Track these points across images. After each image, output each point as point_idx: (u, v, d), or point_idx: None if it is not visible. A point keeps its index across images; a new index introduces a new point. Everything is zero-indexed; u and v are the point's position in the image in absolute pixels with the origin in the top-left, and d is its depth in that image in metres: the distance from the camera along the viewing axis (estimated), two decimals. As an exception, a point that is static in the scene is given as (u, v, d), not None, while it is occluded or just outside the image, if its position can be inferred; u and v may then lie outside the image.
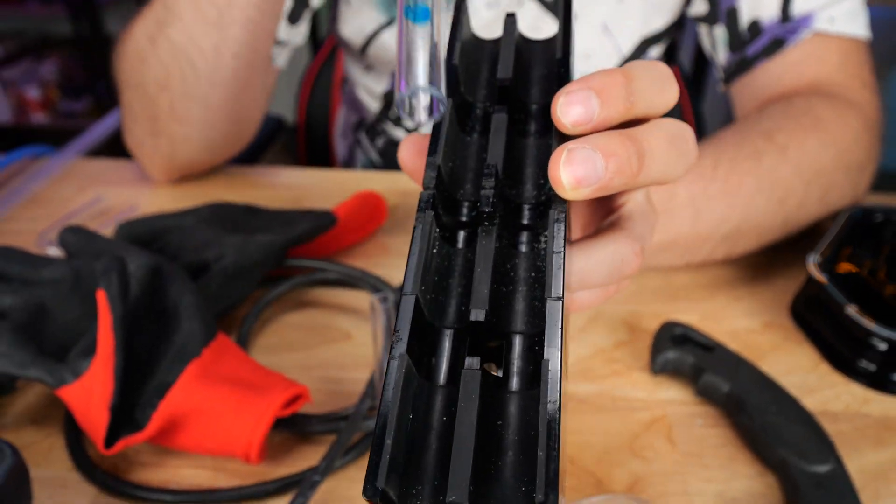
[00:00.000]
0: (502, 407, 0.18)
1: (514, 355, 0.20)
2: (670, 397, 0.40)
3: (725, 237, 0.46)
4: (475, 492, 0.16)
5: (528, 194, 0.23)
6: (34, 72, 2.74)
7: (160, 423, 0.35)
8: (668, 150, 0.22)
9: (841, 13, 0.53)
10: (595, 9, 0.60)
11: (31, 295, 0.39)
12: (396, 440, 0.16)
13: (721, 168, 0.45)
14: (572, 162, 0.20)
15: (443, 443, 0.17)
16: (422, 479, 0.17)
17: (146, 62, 0.54)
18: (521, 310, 0.20)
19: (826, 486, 0.33)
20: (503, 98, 0.24)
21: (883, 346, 0.41)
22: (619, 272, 0.25)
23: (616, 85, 0.21)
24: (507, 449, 0.17)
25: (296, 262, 0.48)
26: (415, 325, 0.19)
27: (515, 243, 0.22)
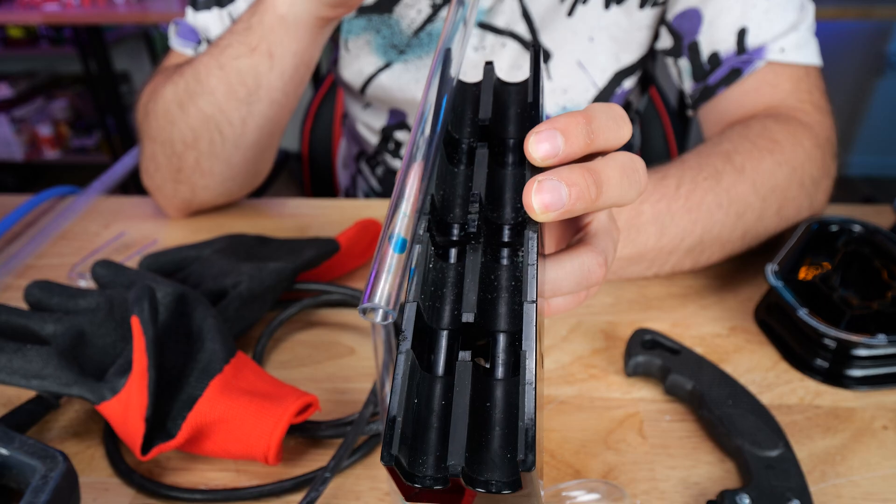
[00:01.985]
0: (490, 392, 0.23)
1: (498, 350, 0.24)
2: (642, 396, 0.45)
3: (690, 249, 0.51)
4: (470, 458, 0.20)
5: (507, 216, 0.27)
6: (46, 110, 2.83)
7: (189, 431, 0.39)
8: (622, 179, 0.27)
9: (790, 44, 0.58)
10: (569, 48, 0.66)
11: (71, 323, 0.44)
12: (405, 418, 0.20)
13: (683, 187, 0.50)
14: (541, 191, 0.24)
15: (442, 422, 0.21)
16: (426, 450, 0.21)
17: (175, 124, 0.59)
18: (504, 313, 0.25)
19: (775, 467, 0.37)
20: (484, 136, 0.29)
21: (833, 344, 0.46)
22: (586, 280, 0.29)
23: (577, 125, 0.26)
24: (494, 425, 0.22)
25: (304, 286, 0.53)
26: (417, 327, 0.23)
27: (498, 258, 0.27)
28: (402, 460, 0.20)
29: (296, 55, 0.54)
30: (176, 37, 0.68)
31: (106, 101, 2.43)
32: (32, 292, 0.47)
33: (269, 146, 0.64)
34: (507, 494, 0.20)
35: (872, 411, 0.43)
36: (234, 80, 0.55)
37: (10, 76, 2.78)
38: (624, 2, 0.64)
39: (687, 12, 0.62)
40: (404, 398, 0.21)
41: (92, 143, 2.85)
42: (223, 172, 0.62)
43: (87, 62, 2.40)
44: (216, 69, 0.55)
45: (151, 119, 0.61)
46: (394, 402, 0.21)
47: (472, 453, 0.21)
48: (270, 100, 0.57)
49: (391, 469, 0.20)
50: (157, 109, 0.60)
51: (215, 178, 0.62)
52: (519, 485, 0.20)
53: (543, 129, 0.25)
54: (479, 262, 0.25)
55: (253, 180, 0.68)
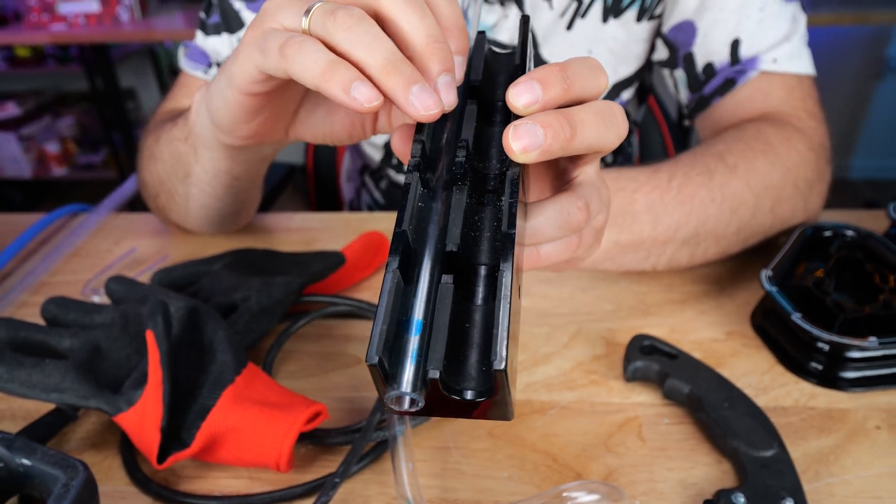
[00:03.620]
0: (469, 315, 0.25)
1: (478, 279, 0.26)
2: (641, 400, 0.46)
3: (685, 241, 0.52)
4: (447, 368, 0.23)
5: (492, 167, 0.29)
6: (53, 127, 2.87)
7: (203, 440, 0.41)
8: (597, 121, 0.28)
9: (782, 55, 0.60)
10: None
11: (87, 337, 0.46)
12: (388, 328, 0.23)
13: (675, 181, 0.52)
14: (518, 134, 0.26)
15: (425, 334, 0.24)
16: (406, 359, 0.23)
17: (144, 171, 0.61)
18: (485, 249, 0.27)
19: (770, 467, 0.39)
20: (474, 95, 0.31)
21: (827, 347, 0.47)
22: (567, 224, 0.30)
23: (554, 74, 0.28)
24: (472, 344, 0.25)
25: (311, 299, 0.55)
26: (404, 252, 0.25)
27: (482, 202, 0.29)
28: (385, 361, 0.22)
29: (212, 161, 0.49)
30: (186, 59, 0.70)
31: (112, 118, 2.46)
32: (49, 308, 0.49)
33: (228, 217, 0.63)
34: (483, 402, 0.23)
35: (865, 412, 0.44)
36: (174, 160, 0.54)
37: (18, 95, 2.82)
38: (621, 16, 0.66)
39: (682, 24, 0.64)
40: (388, 310, 0.23)
41: (99, 160, 2.88)
42: (187, 224, 0.64)
43: (93, 80, 2.44)
44: (166, 142, 0.55)
45: (138, 156, 0.63)
46: (379, 313, 0.23)
47: (448, 364, 0.23)
48: (201, 190, 0.55)
49: (374, 368, 0.22)
50: (141, 151, 0.62)
51: (185, 223, 0.64)
52: (492, 391, 0.23)
53: (523, 80, 0.27)
54: (465, 201, 0.28)
55: (231, 226, 0.68)
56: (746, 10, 0.60)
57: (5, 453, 0.37)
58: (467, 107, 0.31)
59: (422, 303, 0.24)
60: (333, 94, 0.29)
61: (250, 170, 0.53)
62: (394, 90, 0.28)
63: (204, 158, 0.50)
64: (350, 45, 0.30)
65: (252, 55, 0.34)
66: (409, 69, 0.29)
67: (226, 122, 0.41)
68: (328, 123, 0.42)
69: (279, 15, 0.34)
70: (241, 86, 0.36)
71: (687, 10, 0.63)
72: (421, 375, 0.23)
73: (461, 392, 0.23)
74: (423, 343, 0.23)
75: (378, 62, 0.29)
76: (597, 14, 0.66)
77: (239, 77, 0.36)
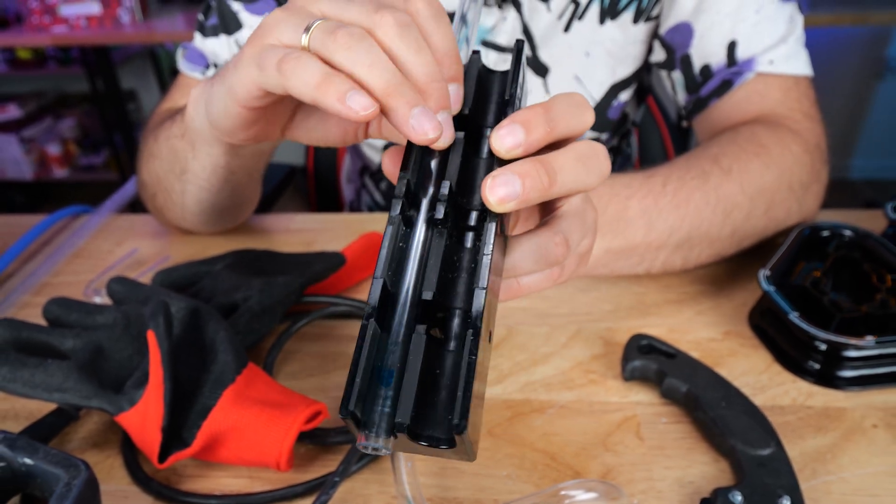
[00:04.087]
0: (441, 361, 0.26)
1: (453, 324, 0.27)
2: (639, 399, 0.46)
3: (678, 245, 0.53)
4: (416, 416, 0.24)
5: (476, 202, 0.29)
6: (54, 129, 2.87)
7: (204, 440, 0.41)
8: (576, 166, 0.29)
9: (779, 56, 0.60)
10: (567, 63, 0.68)
11: (89, 338, 0.46)
12: (363, 379, 0.24)
13: (670, 185, 0.52)
14: (495, 185, 0.26)
15: (397, 384, 0.25)
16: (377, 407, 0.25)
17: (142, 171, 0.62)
18: (461, 292, 0.28)
19: (767, 465, 0.39)
20: (462, 124, 0.31)
21: (824, 346, 0.47)
22: (544, 259, 0.30)
23: (537, 117, 0.28)
24: (441, 390, 0.25)
25: (311, 299, 0.55)
26: (381, 301, 0.26)
27: (462, 240, 0.29)
28: (358, 414, 0.24)
29: (210, 156, 0.50)
30: (184, 60, 0.70)
31: (113, 119, 2.47)
32: (51, 309, 0.49)
33: (225, 213, 0.64)
34: (444, 449, 0.24)
35: (862, 411, 0.44)
36: (171, 157, 0.55)
37: (19, 97, 2.83)
38: (618, 17, 0.66)
39: (679, 26, 0.64)
40: (364, 362, 0.24)
41: (100, 161, 2.89)
42: (185, 222, 0.64)
43: (94, 81, 2.45)
44: (163, 139, 0.56)
45: (137, 157, 0.64)
46: (356, 365, 0.24)
47: (418, 412, 0.25)
48: (198, 186, 0.55)
49: (347, 420, 0.24)
50: (141, 150, 0.63)
51: (182, 222, 0.65)
52: (453, 443, 0.24)
53: (506, 124, 0.28)
54: (444, 246, 0.28)
55: (228, 224, 0.68)
56: (743, 12, 0.60)
57: (8, 453, 0.37)
58: (455, 136, 0.30)
59: (396, 352, 0.26)
60: (329, 105, 0.29)
61: (247, 164, 0.54)
62: (394, 112, 0.29)
63: (201, 154, 0.50)
64: (351, 64, 0.30)
65: (250, 71, 0.34)
66: (410, 91, 0.29)
67: (224, 127, 0.41)
68: (322, 128, 0.43)
69: (277, 30, 0.34)
70: (241, 100, 0.37)
71: (684, 12, 0.63)
72: (390, 423, 0.24)
73: (427, 439, 0.25)
74: (395, 391, 0.25)
75: (379, 83, 0.29)
76: (594, 16, 0.66)
77: (238, 91, 0.36)
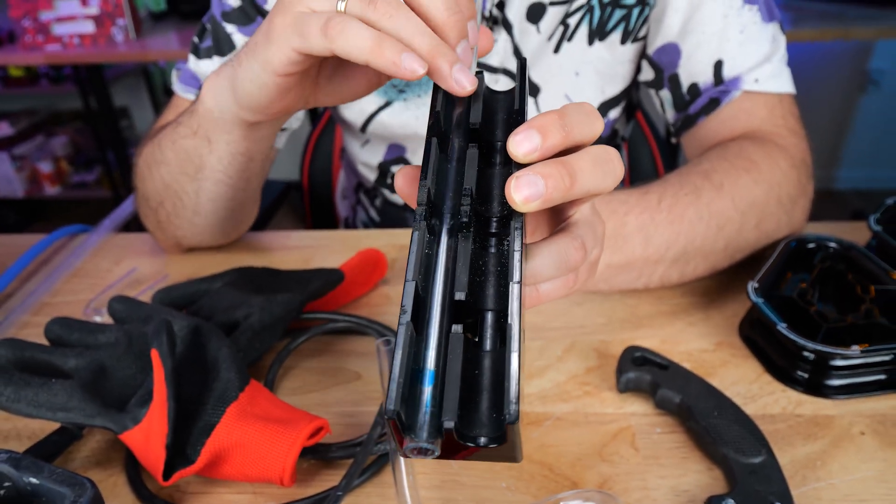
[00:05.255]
0: (478, 361, 0.26)
1: (486, 326, 0.27)
2: (634, 410, 0.47)
3: (675, 260, 0.54)
4: (461, 417, 0.24)
5: (494, 210, 0.30)
6: (46, 146, 2.87)
7: (208, 457, 0.42)
8: (594, 168, 0.30)
9: (764, 75, 0.62)
10: (557, 83, 0.70)
11: (92, 357, 0.47)
12: (404, 380, 0.24)
13: (665, 202, 0.53)
14: (520, 186, 0.27)
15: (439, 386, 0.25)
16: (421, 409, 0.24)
17: (146, 183, 0.63)
18: (491, 294, 0.28)
19: (759, 473, 0.40)
20: (474, 138, 0.33)
21: (812, 356, 0.48)
22: (564, 264, 0.31)
23: (552, 122, 0.29)
24: (482, 391, 0.25)
25: (311, 316, 0.56)
26: (415, 303, 0.26)
27: (486, 246, 0.30)
28: (402, 415, 0.23)
29: (229, 144, 0.52)
30: (178, 82, 0.71)
31: (106, 137, 2.47)
32: (53, 329, 0.50)
33: (236, 212, 0.65)
34: (494, 448, 0.24)
35: (850, 418, 0.46)
36: (182, 157, 0.56)
37: (11, 114, 2.83)
38: (606, 38, 0.68)
39: (666, 47, 0.66)
40: (404, 363, 0.24)
41: (92, 178, 2.88)
42: (193, 229, 0.65)
43: (87, 99, 2.45)
44: (170, 143, 0.57)
45: (135, 171, 0.65)
46: (395, 367, 0.24)
47: (462, 414, 0.24)
48: (215, 180, 0.57)
49: (392, 422, 0.23)
50: (138, 164, 0.64)
51: (190, 230, 0.65)
52: (504, 438, 0.24)
53: (522, 129, 0.29)
54: (470, 249, 0.29)
55: (233, 232, 0.69)
56: (727, 32, 0.62)
57: (13, 472, 0.38)
58: (468, 150, 0.32)
59: (433, 352, 0.25)
60: (384, 66, 0.33)
61: (263, 147, 0.56)
62: (439, 70, 0.33)
63: (219, 144, 0.53)
64: (396, 31, 0.34)
65: (290, 39, 0.37)
66: (449, 52, 0.33)
67: (259, 103, 0.44)
68: (347, 85, 0.46)
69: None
70: (279, 68, 0.40)
71: (671, 33, 0.65)
72: (436, 425, 0.24)
73: (474, 439, 0.24)
74: (435, 392, 0.24)
75: (424, 48, 0.33)
76: (583, 37, 0.68)
77: (276, 61, 0.39)
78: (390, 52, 0.33)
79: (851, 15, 1.90)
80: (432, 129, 0.31)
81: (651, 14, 0.66)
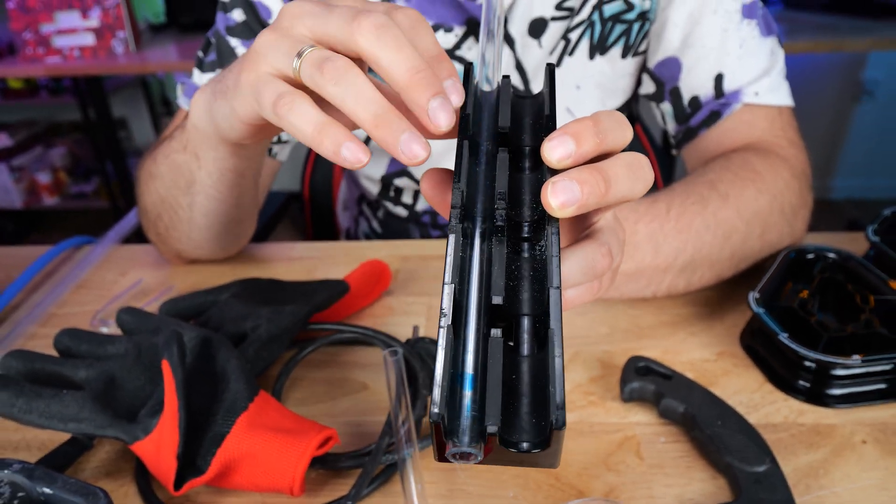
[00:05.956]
0: (517, 367, 0.26)
1: (522, 330, 0.27)
2: (638, 420, 0.48)
3: (683, 268, 0.55)
4: (503, 422, 0.24)
5: (525, 214, 0.30)
6: (44, 157, 2.87)
7: (218, 467, 0.42)
8: (628, 175, 0.30)
9: (764, 88, 0.63)
10: (558, 95, 0.70)
11: (102, 368, 0.47)
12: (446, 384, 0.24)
13: (673, 211, 0.54)
14: (556, 191, 0.27)
15: (480, 391, 0.25)
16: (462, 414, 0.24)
17: (143, 196, 0.63)
18: (526, 298, 0.28)
19: (763, 482, 0.41)
20: (503, 142, 0.32)
21: (813, 365, 0.49)
22: (592, 270, 0.32)
23: (587, 129, 0.29)
24: (521, 396, 0.25)
25: (317, 326, 0.56)
26: (454, 307, 0.26)
27: (518, 251, 0.30)
28: (445, 419, 0.23)
29: (217, 161, 0.52)
30: (182, 95, 0.72)
31: (105, 147, 2.48)
32: (62, 340, 0.50)
33: (232, 227, 0.65)
34: (535, 453, 0.24)
35: (851, 427, 0.46)
36: (175, 172, 0.56)
37: (10, 125, 2.83)
38: (607, 52, 0.69)
39: (666, 61, 0.67)
40: (447, 366, 0.24)
41: (91, 189, 2.89)
42: (191, 242, 0.65)
43: (85, 110, 2.46)
44: (164, 157, 0.57)
45: (136, 184, 0.65)
46: (437, 370, 0.24)
47: (503, 419, 0.24)
48: (206, 195, 0.57)
49: (436, 425, 0.23)
50: (138, 177, 0.64)
51: (188, 244, 0.66)
52: (547, 444, 0.24)
53: (557, 135, 0.29)
54: (505, 252, 0.29)
55: (231, 247, 0.70)
56: (727, 46, 0.63)
57: (27, 482, 0.38)
58: (499, 154, 0.32)
59: (471, 356, 0.25)
60: (324, 153, 0.32)
61: (253, 163, 0.56)
62: (384, 142, 0.30)
63: (208, 160, 0.52)
64: (340, 99, 0.32)
65: (250, 101, 0.37)
66: (396, 120, 0.30)
67: (235, 136, 0.44)
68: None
69: (271, 56, 0.36)
70: (245, 118, 0.40)
71: (671, 47, 0.66)
72: (478, 429, 0.24)
73: (517, 444, 0.24)
74: (475, 396, 0.24)
75: (367, 116, 0.31)
76: (584, 51, 0.69)
77: (242, 112, 0.40)
78: (330, 143, 0.31)
79: (845, 27, 1.92)
80: (462, 132, 0.31)
81: (651, 29, 0.68)
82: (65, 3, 2.01)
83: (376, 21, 0.32)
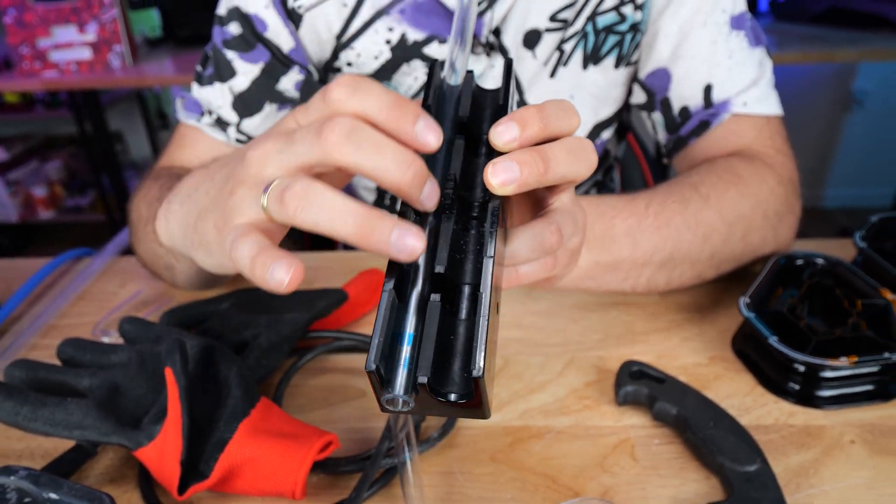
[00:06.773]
0: (454, 329, 0.30)
1: (462, 297, 0.30)
2: (632, 423, 0.49)
3: (662, 264, 0.56)
4: (434, 374, 0.27)
5: (476, 196, 0.33)
6: (40, 171, 2.88)
7: (221, 472, 0.43)
8: (568, 156, 0.32)
9: (752, 98, 0.65)
10: None
11: (105, 377, 0.48)
12: (384, 340, 0.27)
13: (652, 208, 0.56)
14: (497, 171, 0.30)
15: (416, 347, 0.28)
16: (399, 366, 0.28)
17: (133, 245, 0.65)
18: (468, 270, 0.31)
19: (754, 481, 0.42)
20: (462, 130, 0.35)
21: (802, 368, 0.50)
22: (541, 247, 0.34)
23: (531, 116, 0.31)
24: (455, 353, 0.29)
25: (316, 334, 0.57)
26: (399, 275, 0.29)
27: (467, 228, 0.32)
28: (381, 370, 0.27)
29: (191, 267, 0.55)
30: (182, 109, 0.73)
31: (101, 161, 2.49)
32: (65, 349, 0.51)
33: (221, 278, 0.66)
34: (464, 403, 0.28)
35: (841, 428, 0.47)
36: (155, 258, 0.58)
37: (6, 139, 2.84)
38: (600, 63, 0.71)
39: (657, 72, 0.69)
40: (385, 325, 0.28)
41: (86, 203, 2.89)
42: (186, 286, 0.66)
43: (81, 124, 2.47)
44: (144, 236, 0.58)
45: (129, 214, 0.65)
46: (377, 327, 0.27)
47: (435, 372, 0.28)
48: (186, 275, 0.59)
49: (372, 374, 0.27)
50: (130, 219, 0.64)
51: (183, 286, 0.66)
52: (472, 395, 0.27)
53: (504, 121, 0.31)
54: (451, 228, 0.31)
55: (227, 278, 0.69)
56: (716, 57, 0.65)
57: (33, 488, 0.39)
58: (456, 141, 0.35)
59: (413, 317, 0.29)
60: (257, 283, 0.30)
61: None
62: (376, 249, 0.28)
63: (183, 263, 0.56)
64: (313, 224, 0.29)
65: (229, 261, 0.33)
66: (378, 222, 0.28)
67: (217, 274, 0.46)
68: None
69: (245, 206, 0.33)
70: (230, 270, 0.43)
71: (661, 58, 0.68)
72: (412, 381, 0.27)
73: (446, 395, 0.28)
74: (413, 353, 0.28)
75: (348, 232, 0.28)
76: (577, 62, 0.70)
77: (226, 267, 0.42)
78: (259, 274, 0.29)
79: (835, 38, 1.95)
80: None
81: (643, 40, 0.69)
82: (62, 17, 2.03)
83: (342, 129, 0.28)
